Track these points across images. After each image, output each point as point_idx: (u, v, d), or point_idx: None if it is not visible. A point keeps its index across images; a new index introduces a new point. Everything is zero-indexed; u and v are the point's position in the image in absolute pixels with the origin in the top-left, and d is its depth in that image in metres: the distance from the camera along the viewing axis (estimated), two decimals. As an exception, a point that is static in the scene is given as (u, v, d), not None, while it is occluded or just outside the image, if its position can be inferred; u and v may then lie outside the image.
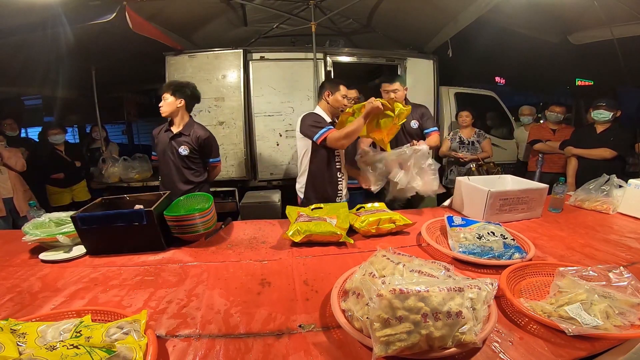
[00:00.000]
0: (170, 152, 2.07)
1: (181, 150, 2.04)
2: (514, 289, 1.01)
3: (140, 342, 0.73)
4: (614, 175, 1.82)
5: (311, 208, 1.67)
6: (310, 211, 1.62)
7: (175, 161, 2.07)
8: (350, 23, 3.83)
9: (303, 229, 1.36)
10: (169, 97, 2.03)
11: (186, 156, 2.06)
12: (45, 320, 0.82)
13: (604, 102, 2.61)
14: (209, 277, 1.15)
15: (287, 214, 1.62)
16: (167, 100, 2.03)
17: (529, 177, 3.18)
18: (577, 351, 0.77)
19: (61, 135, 3.41)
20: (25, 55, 3.11)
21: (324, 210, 1.63)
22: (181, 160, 2.07)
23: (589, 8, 2.71)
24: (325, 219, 1.48)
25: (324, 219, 1.47)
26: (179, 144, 2.05)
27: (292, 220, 1.51)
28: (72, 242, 1.37)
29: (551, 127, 3.30)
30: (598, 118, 2.64)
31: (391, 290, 0.71)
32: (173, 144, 2.06)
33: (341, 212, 1.57)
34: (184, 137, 2.06)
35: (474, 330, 0.73)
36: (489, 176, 2.00)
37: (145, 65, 3.81)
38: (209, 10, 3.25)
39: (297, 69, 3.38)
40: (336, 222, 1.48)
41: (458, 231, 1.33)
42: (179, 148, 2.04)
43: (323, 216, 1.52)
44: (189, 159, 2.08)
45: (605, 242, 1.39)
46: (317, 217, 1.50)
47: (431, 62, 3.85)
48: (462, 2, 2.90)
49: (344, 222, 1.48)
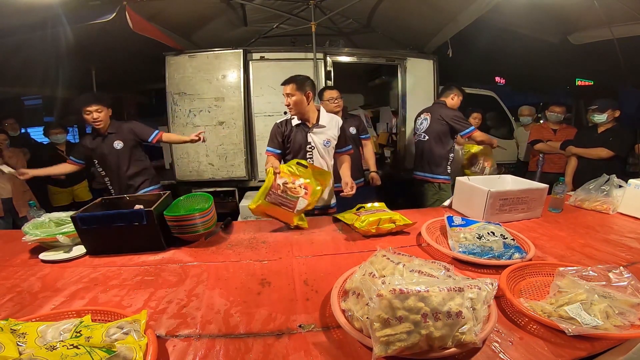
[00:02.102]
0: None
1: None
2: (514, 289, 1.01)
3: (140, 342, 0.73)
4: (614, 175, 1.82)
5: (295, 162, 1.70)
6: (295, 169, 1.67)
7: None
8: (350, 23, 3.83)
9: (262, 208, 1.52)
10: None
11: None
12: (45, 320, 0.82)
13: (596, 105, 2.67)
14: (209, 277, 1.15)
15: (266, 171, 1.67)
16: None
17: (530, 177, 3.18)
18: (577, 351, 0.77)
19: (62, 135, 3.41)
20: (25, 55, 3.11)
21: (307, 173, 1.67)
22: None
23: (589, 8, 2.71)
24: (296, 198, 1.59)
25: (295, 199, 1.58)
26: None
27: (264, 188, 1.60)
28: (72, 242, 1.37)
29: (552, 127, 3.30)
30: (594, 120, 2.70)
31: (391, 290, 0.71)
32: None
33: (318, 189, 1.63)
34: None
35: (474, 330, 0.73)
36: (489, 176, 2.01)
37: (145, 65, 3.81)
38: (209, 10, 3.26)
39: (297, 69, 3.35)
40: (307, 202, 1.59)
41: (458, 231, 1.33)
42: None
43: (296, 192, 1.60)
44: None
45: (605, 242, 1.39)
46: (285, 196, 1.59)
47: (431, 62, 3.85)
48: (462, 2, 2.90)
49: (314, 196, 1.58)
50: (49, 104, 4.97)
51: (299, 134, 1.87)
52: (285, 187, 1.61)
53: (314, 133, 1.86)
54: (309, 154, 1.88)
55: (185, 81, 3.36)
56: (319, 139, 1.87)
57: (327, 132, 1.88)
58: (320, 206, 1.98)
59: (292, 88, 1.78)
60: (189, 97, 3.37)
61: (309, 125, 1.87)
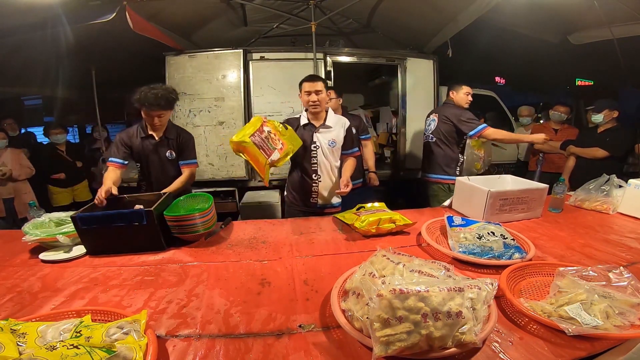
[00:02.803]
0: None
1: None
2: (514, 289, 1.01)
3: (140, 342, 0.73)
4: (614, 175, 1.82)
5: (279, 122, 1.77)
6: (278, 126, 1.74)
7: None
8: (350, 23, 3.83)
9: (242, 146, 1.54)
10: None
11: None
12: (45, 320, 0.82)
13: (593, 106, 2.69)
14: (209, 277, 1.15)
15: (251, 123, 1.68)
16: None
17: (530, 177, 3.19)
18: (577, 351, 0.77)
19: (62, 135, 3.42)
20: (25, 55, 3.12)
21: (286, 134, 1.75)
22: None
23: (589, 8, 2.71)
24: (273, 148, 1.65)
25: (272, 149, 1.64)
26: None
27: (252, 128, 1.62)
28: (72, 242, 1.37)
29: (553, 127, 3.32)
30: (593, 121, 2.74)
31: (391, 290, 0.71)
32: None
33: (290, 149, 1.72)
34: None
35: (474, 330, 0.73)
36: (489, 176, 2.00)
37: (145, 65, 3.81)
38: (209, 10, 3.26)
39: (297, 69, 3.37)
40: (279, 156, 1.66)
41: (458, 231, 1.33)
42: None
43: (274, 143, 1.67)
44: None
45: (605, 242, 1.39)
46: (267, 143, 1.64)
47: (431, 62, 3.85)
48: (462, 2, 2.90)
49: (285, 155, 1.67)
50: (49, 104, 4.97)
51: (306, 133, 1.89)
52: (269, 135, 1.66)
53: (320, 133, 1.88)
54: (314, 154, 1.89)
55: (185, 81, 3.36)
56: (324, 139, 1.89)
57: (333, 132, 1.90)
58: (326, 205, 2.01)
59: (322, 85, 1.83)
60: (189, 97, 3.37)
61: (316, 125, 1.89)
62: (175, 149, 1.99)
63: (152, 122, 1.87)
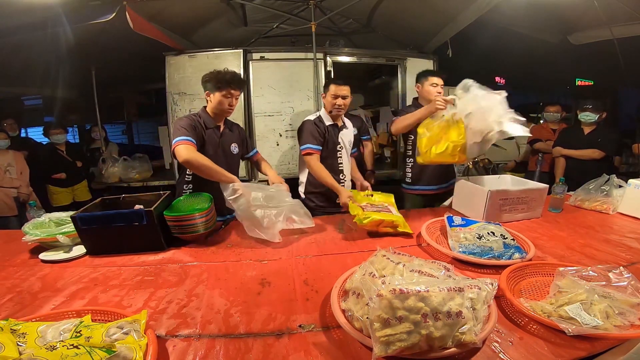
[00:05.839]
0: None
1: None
2: (514, 289, 1.01)
3: (140, 342, 0.73)
4: (614, 175, 1.82)
5: (365, 194, 1.73)
6: (364, 198, 1.70)
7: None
8: (350, 23, 3.82)
9: (373, 221, 1.44)
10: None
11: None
12: (45, 320, 0.82)
13: (591, 105, 2.68)
14: (209, 277, 1.15)
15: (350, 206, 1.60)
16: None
17: (529, 176, 3.19)
18: (577, 351, 0.77)
19: (62, 135, 3.41)
20: (25, 55, 3.11)
21: (377, 197, 1.74)
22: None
23: (589, 8, 2.71)
24: (385, 207, 1.60)
25: (385, 207, 1.59)
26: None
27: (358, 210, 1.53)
28: (72, 242, 1.37)
29: (551, 127, 3.33)
30: (585, 120, 2.73)
31: (391, 290, 0.71)
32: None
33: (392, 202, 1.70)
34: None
35: (474, 330, 0.73)
36: (489, 176, 2.00)
37: (145, 65, 3.81)
38: (209, 10, 3.25)
39: (297, 69, 3.37)
40: (395, 211, 1.60)
41: (458, 231, 1.33)
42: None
43: (381, 204, 1.63)
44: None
45: (605, 242, 1.39)
46: (378, 206, 1.60)
47: (431, 62, 3.85)
48: (462, 3, 2.90)
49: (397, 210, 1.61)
50: (49, 104, 4.97)
51: (332, 134, 1.89)
52: (370, 203, 1.63)
53: (342, 133, 1.90)
54: (339, 154, 1.90)
55: (185, 81, 3.35)
56: (345, 139, 1.91)
57: (350, 133, 1.94)
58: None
59: (348, 90, 1.83)
60: (189, 97, 3.37)
61: (338, 125, 1.89)
62: (239, 142, 1.85)
63: (230, 105, 1.69)
